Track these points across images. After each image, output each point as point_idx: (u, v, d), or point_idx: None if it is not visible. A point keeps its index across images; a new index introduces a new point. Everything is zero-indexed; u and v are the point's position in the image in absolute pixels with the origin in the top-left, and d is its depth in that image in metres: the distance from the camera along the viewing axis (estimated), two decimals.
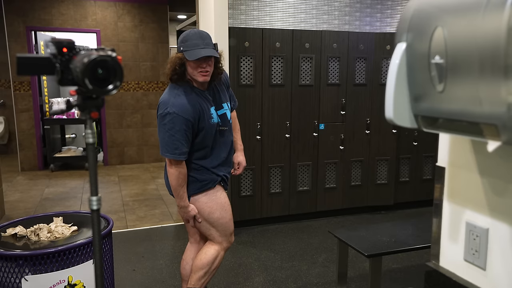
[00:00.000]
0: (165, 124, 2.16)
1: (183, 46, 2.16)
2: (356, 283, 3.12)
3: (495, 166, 1.02)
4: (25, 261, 1.82)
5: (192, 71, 2.19)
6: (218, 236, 2.40)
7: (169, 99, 2.19)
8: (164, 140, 2.19)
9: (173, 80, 2.23)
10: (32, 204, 4.99)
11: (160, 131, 2.21)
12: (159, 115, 2.19)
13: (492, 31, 0.73)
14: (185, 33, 2.21)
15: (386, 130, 4.50)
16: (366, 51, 4.31)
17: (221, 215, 2.37)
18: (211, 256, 2.38)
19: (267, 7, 4.25)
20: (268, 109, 4.07)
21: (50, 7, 6.53)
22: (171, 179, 2.24)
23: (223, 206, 2.38)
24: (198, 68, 2.17)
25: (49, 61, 1.10)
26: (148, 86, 7.13)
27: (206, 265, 2.36)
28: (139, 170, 6.78)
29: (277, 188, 4.22)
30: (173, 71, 2.20)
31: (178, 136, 2.16)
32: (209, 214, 2.35)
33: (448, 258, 1.18)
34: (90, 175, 1.17)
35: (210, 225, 2.38)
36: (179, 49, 2.19)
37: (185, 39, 2.17)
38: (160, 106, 2.21)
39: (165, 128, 2.17)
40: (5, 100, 7.83)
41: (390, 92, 0.99)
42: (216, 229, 2.39)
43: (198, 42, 2.14)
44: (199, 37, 2.16)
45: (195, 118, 2.19)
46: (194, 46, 2.13)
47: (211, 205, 2.34)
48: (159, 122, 2.20)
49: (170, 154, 2.18)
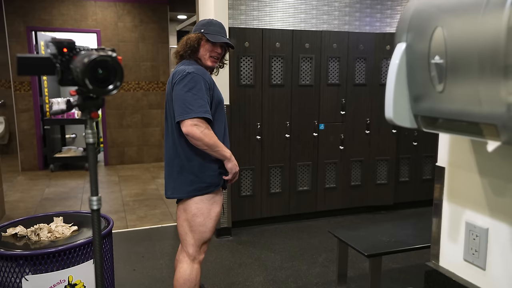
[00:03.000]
0: (185, 85, 2.08)
1: (204, 28, 2.24)
2: (356, 283, 3.12)
3: (495, 166, 1.02)
4: (25, 261, 1.82)
5: (205, 53, 2.24)
6: (191, 244, 2.25)
7: (185, 66, 2.17)
8: (186, 101, 2.06)
9: (184, 56, 2.24)
10: (32, 204, 4.99)
11: (179, 95, 2.09)
12: (178, 79, 2.11)
13: (492, 31, 0.73)
14: (208, 19, 2.32)
15: (386, 130, 4.50)
16: (366, 51, 4.32)
17: (204, 222, 2.23)
18: (185, 273, 2.25)
19: (267, 7, 4.25)
20: (268, 109, 4.07)
21: (51, 7, 6.53)
22: (207, 139, 2.07)
23: (210, 214, 2.24)
24: (212, 52, 2.25)
25: (50, 61, 1.11)
26: (148, 86, 7.13)
27: (185, 283, 2.25)
28: (139, 170, 6.78)
29: (277, 188, 4.22)
30: (189, 47, 2.21)
31: (200, 94, 2.08)
32: (193, 216, 2.21)
33: (448, 258, 1.19)
34: (90, 175, 1.18)
35: (189, 228, 2.24)
36: (198, 30, 2.24)
37: (208, 24, 2.27)
38: (177, 73, 2.15)
39: (186, 89, 2.08)
40: (6, 100, 7.83)
41: (390, 92, 0.99)
42: (192, 235, 2.25)
43: (220, 30, 2.28)
44: (221, 27, 2.30)
45: (211, 83, 2.19)
46: (217, 32, 2.25)
47: (200, 207, 2.21)
48: (178, 86, 2.10)
49: (196, 113, 2.05)
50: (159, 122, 7.26)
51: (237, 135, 3.97)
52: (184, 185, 2.21)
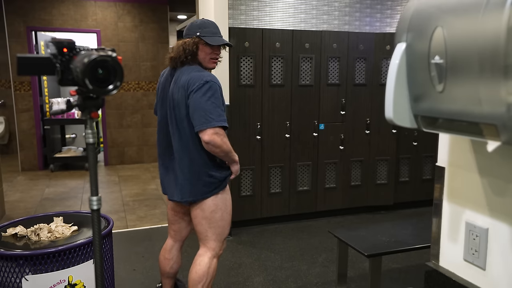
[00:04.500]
0: (205, 94, 2.10)
1: (200, 31, 2.21)
2: (356, 283, 3.12)
3: (495, 166, 1.02)
4: (25, 261, 1.82)
5: (205, 57, 2.23)
6: (213, 239, 2.31)
7: (199, 73, 2.16)
8: (206, 110, 2.10)
9: (185, 62, 2.21)
10: (32, 204, 4.99)
11: (199, 103, 2.11)
12: (196, 87, 2.11)
13: (492, 31, 0.73)
14: (200, 20, 2.26)
15: (386, 130, 4.50)
16: (366, 51, 4.32)
17: (222, 216, 2.30)
18: (205, 267, 2.29)
19: (267, 7, 4.25)
20: (268, 109, 4.07)
21: (51, 7, 6.53)
22: (225, 146, 2.17)
23: (226, 207, 2.32)
24: (212, 54, 2.24)
25: (50, 61, 1.11)
26: (148, 86, 7.13)
27: (203, 276, 2.29)
28: (139, 170, 6.78)
29: (277, 188, 4.22)
30: (188, 53, 2.19)
31: (218, 103, 2.13)
32: (212, 212, 2.27)
33: (448, 258, 1.18)
34: (90, 175, 1.18)
35: (209, 225, 2.29)
36: (193, 33, 2.21)
37: (203, 26, 2.23)
38: (193, 81, 2.13)
39: (206, 97, 2.10)
40: (6, 100, 7.83)
41: (390, 92, 0.99)
42: (213, 230, 2.30)
43: (215, 31, 2.26)
44: (215, 27, 2.28)
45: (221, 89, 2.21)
46: (213, 34, 2.24)
47: (216, 203, 2.27)
48: (196, 95, 2.11)
49: (218, 122, 2.11)
50: None
51: (237, 135, 3.97)
52: (204, 187, 2.26)
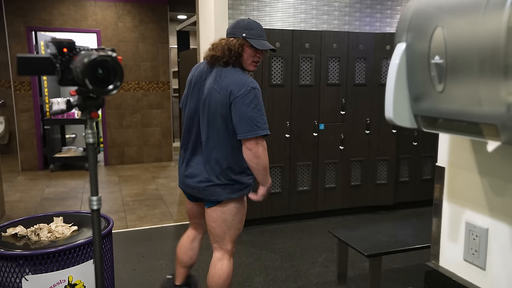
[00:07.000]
0: (251, 101, 2.09)
1: (246, 33, 2.18)
2: (356, 283, 3.12)
3: (495, 166, 1.02)
4: (25, 261, 1.82)
5: (248, 59, 2.20)
6: (229, 242, 2.34)
7: (243, 77, 2.15)
8: (253, 118, 2.09)
9: (227, 62, 2.18)
10: (32, 204, 4.99)
11: (245, 111, 2.09)
12: (242, 94, 2.09)
13: (492, 31, 0.73)
14: (246, 21, 2.23)
15: (386, 130, 4.50)
16: (366, 51, 4.31)
17: (240, 220, 2.33)
18: (227, 269, 2.34)
19: (267, 7, 4.25)
20: (268, 109, 4.06)
21: (51, 7, 6.53)
22: (264, 159, 2.15)
23: (244, 210, 2.35)
24: (255, 57, 2.22)
25: (50, 61, 1.11)
26: (148, 86, 7.13)
27: (227, 279, 2.35)
28: (139, 170, 6.78)
29: (277, 188, 4.22)
30: (234, 54, 2.16)
31: (262, 111, 2.12)
32: (233, 215, 2.29)
33: (448, 258, 1.19)
34: (90, 175, 1.18)
35: (227, 227, 2.30)
36: (239, 34, 2.18)
37: (249, 27, 2.19)
38: (238, 86, 2.11)
39: (252, 105, 2.09)
40: (6, 100, 7.83)
41: (390, 92, 0.99)
42: (231, 233, 2.32)
43: (261, 33, 2.23)
44: (261, 29, 2.24)
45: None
46: (259, 36, 2.21)
47: (237, 206, 2.29)
48: (242, 101, 2.09)
49: (263, 130, 2.10)
50: (159, 122, 7.25)
51: None
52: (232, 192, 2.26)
